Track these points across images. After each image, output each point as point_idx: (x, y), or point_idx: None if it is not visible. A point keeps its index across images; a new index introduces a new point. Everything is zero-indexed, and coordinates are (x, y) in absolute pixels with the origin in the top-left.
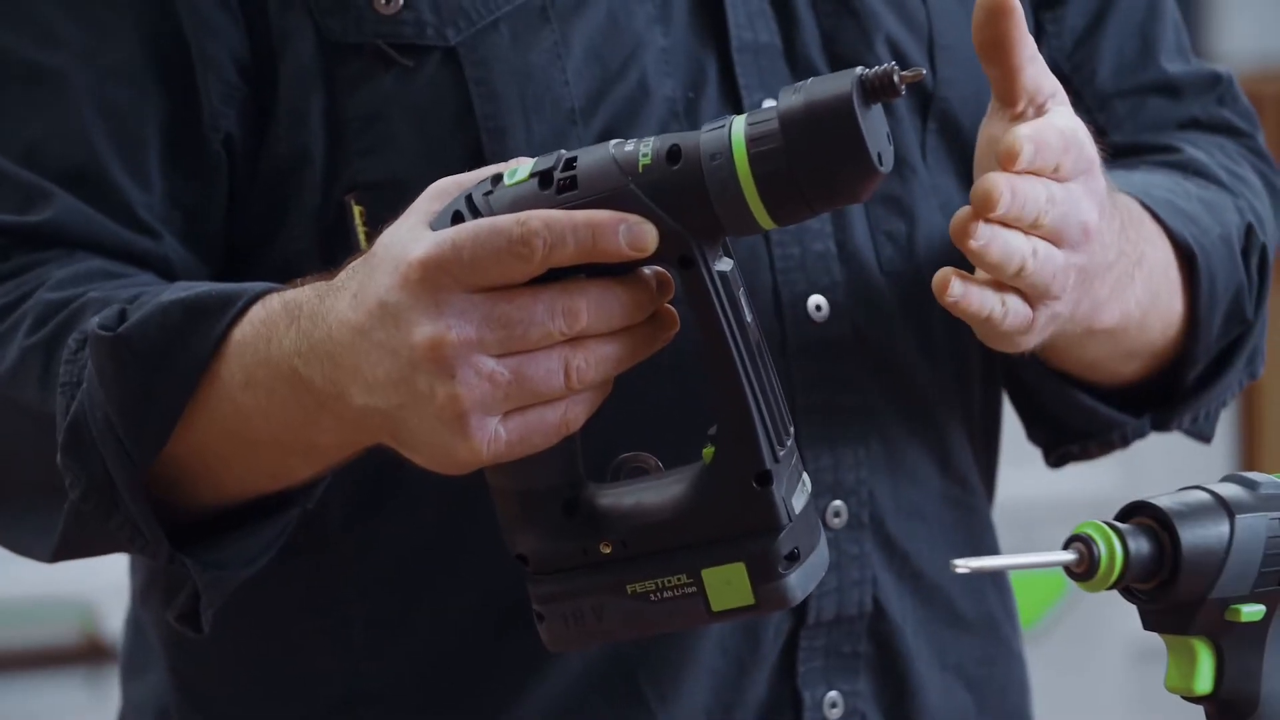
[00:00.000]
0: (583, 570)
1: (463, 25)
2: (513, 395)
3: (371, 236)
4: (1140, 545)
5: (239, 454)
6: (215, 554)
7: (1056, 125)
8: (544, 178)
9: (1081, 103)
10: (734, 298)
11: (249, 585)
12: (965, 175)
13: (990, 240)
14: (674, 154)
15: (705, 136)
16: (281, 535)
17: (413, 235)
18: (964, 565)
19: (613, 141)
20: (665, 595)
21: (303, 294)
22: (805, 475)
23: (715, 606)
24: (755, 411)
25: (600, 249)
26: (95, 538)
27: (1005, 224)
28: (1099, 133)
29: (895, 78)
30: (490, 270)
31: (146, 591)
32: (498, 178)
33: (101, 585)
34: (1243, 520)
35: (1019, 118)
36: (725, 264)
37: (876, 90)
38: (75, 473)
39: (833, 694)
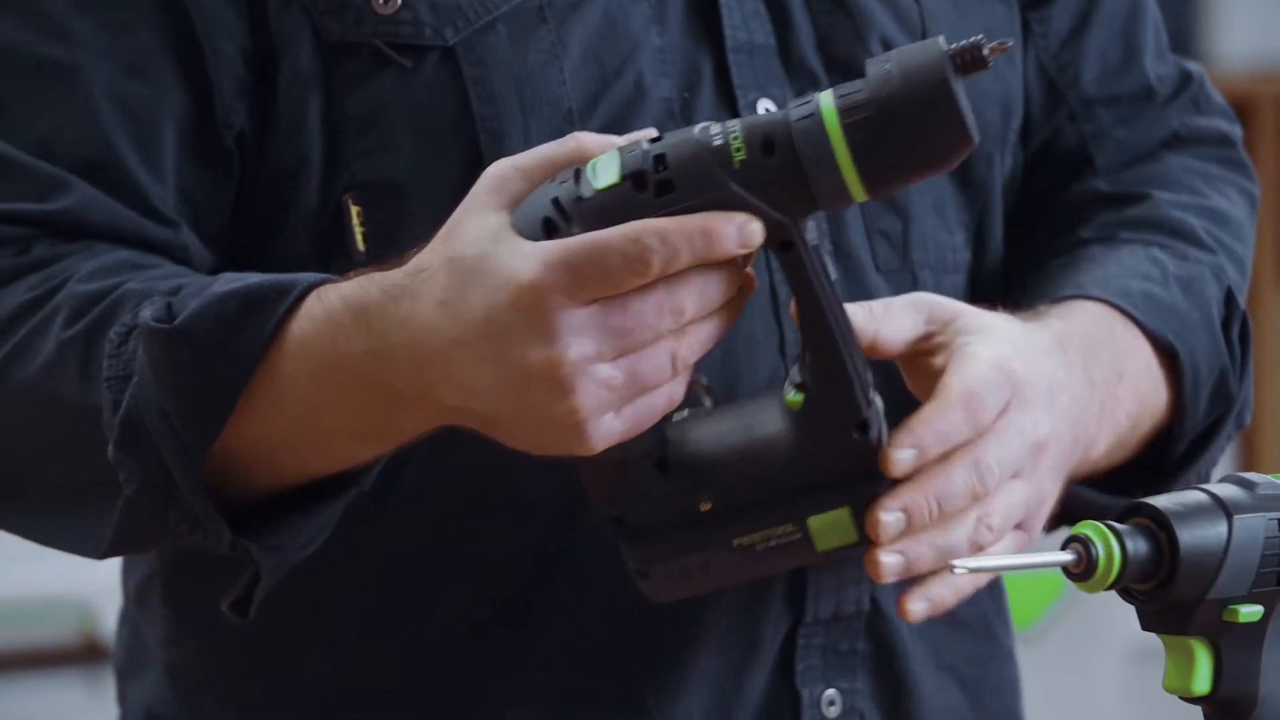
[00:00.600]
0: (683, 528)
1: (461, 25)
2: (627, 395)
3: (369, 237)
4: (1138, 546)
5: (306, 442)
6: (274, 538)
7: (950, 397)
8: (637, 179)
9: (1066, 107)
10: (824, 263)
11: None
12: (957, 173)
13: (917, 559)
14: (768, 145)
15: (795, 121)
16: (336, 516)
17: (510, 249)
18: (963, 566)
19: (696, 128)
20: (771, 545)
21: (367, 293)
22: (883, 420)
23: (820, 547)
24: (851, 367)
25: (714, 255)
26: (150, 530)
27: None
28: (1083, 157)
29: (984, 50)
30: (604, 288)
31: (144, 591)
32: (579, 174)
33: (100, 586)
34: (1241, 521)
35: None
36: (812, 233)
37: (966, 65)
38: (130, 467)
39: (831, 692)
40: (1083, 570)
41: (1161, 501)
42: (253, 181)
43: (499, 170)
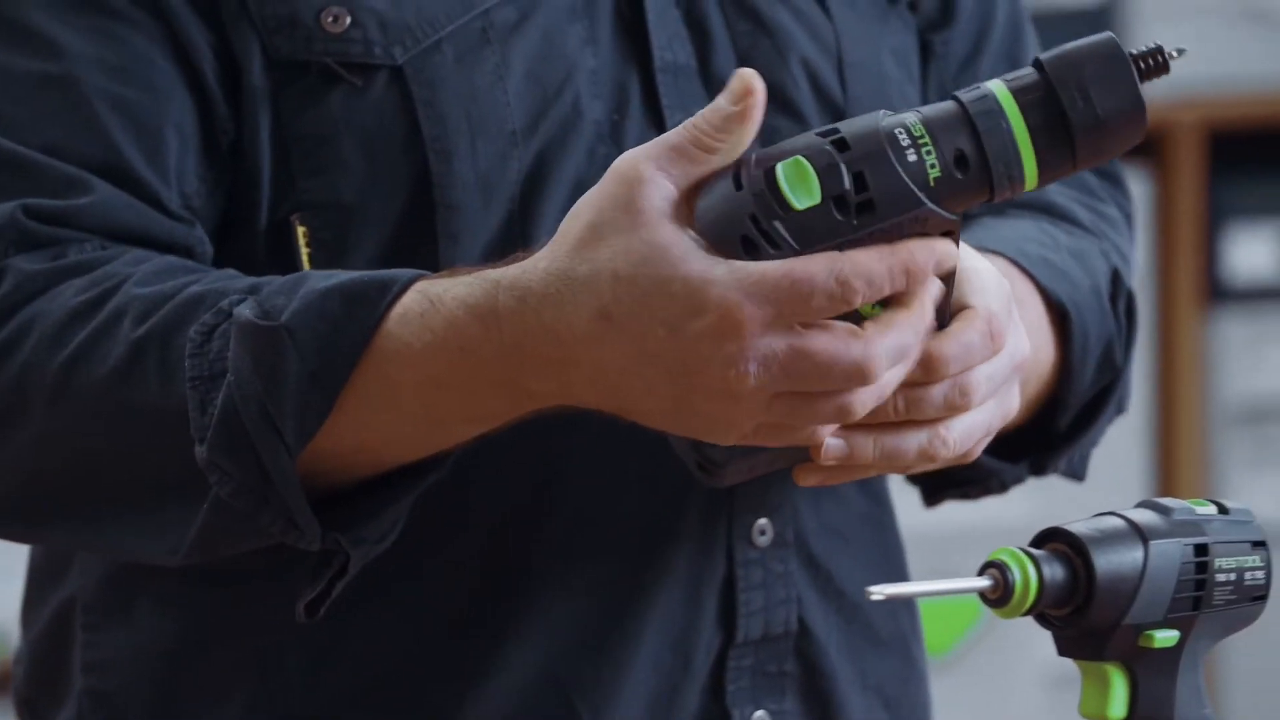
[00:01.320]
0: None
1: (409, 44)
2: (786, 418)
3: (314, 259)
4: (1055, 571)
5: (412, 434)
6: (357, 531)
7: (975, 318)
8: (840, 202)
9: None
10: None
11: (180, 614)
12: None
13: (858, 449)
14: (961, 161)
15: (985, 132)
16: (410, 503)
17: (706, 271)
18: (880, 591)
19: (882, 128)
20: None
21: (495, 299)
22: None
23: None
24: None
25: (913, 287)
26: (239, 532)
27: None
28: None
29: (1164, 54)
30: (804, 319)
31: (61, 617)
32: (772, 183)
33: (13, 613)
34: (1156, 546)
35: None
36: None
37: (1149, 69)
38: (225, 469)
39: (760, 713)
40: (999, 596)
41: (1077, 527)
42: None
43: (639, 172)
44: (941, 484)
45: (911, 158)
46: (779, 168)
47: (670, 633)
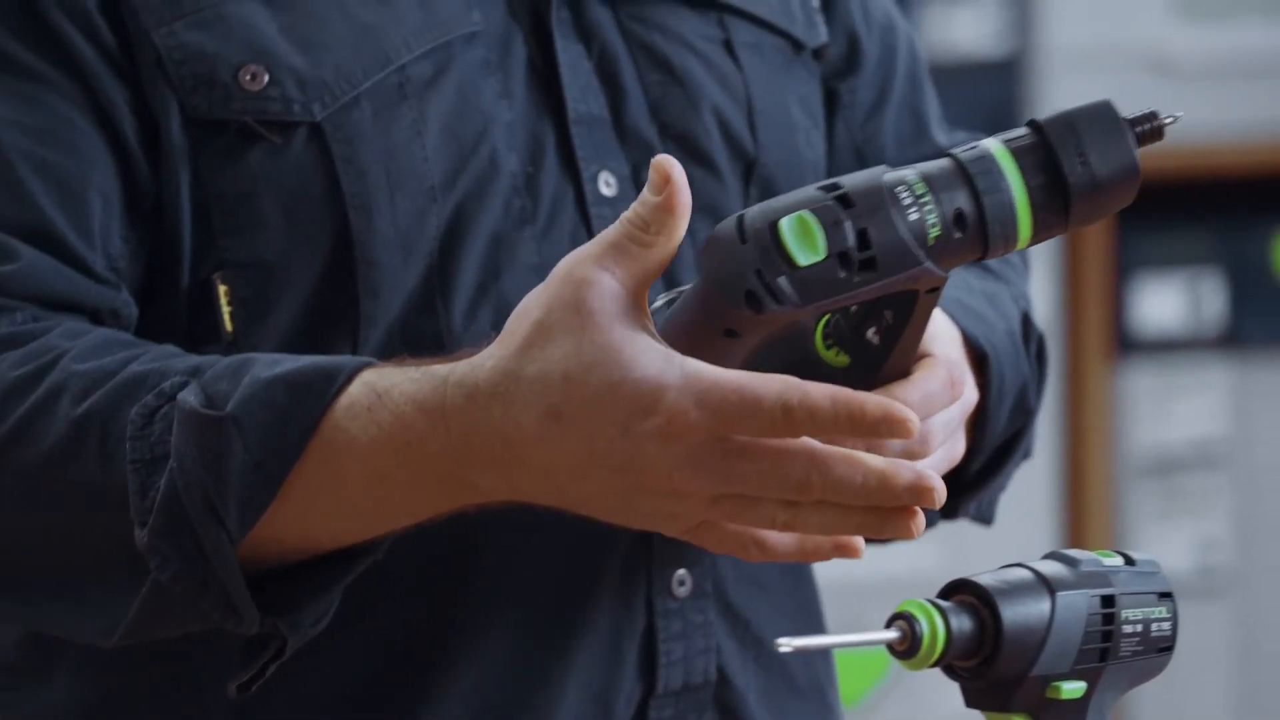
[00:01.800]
0: None
1: (327, 100)
2: (730, 517)
3: (236, 317)
4: (962, 623)
5: (360, 524)
6: (295, 615)
7: (936, 365)
8: (843, 259)
9: None
10: None
11: (100, 677)
12: None
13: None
14: (960, 220)
15: (985, 193)
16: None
17: (655, 376)
18: (788, 644)
19: (884, 184)
20: None
21: (443, 395)
22: None
23: None
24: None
25: (859, 434)
26: (176, 616)
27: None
28: None
29: (1159, 120)
30: (741, 434)
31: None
32: (775, 237)
33: None
34: (1063, 598)
35: None
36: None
37: (1146, 135)
38: (165, 553)
39: None
40: (907, 648)
41: (985, 579)
42: None
43: (585, 272)
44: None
45: (913, 216)
46: (783, 223)
47: (591, 685)
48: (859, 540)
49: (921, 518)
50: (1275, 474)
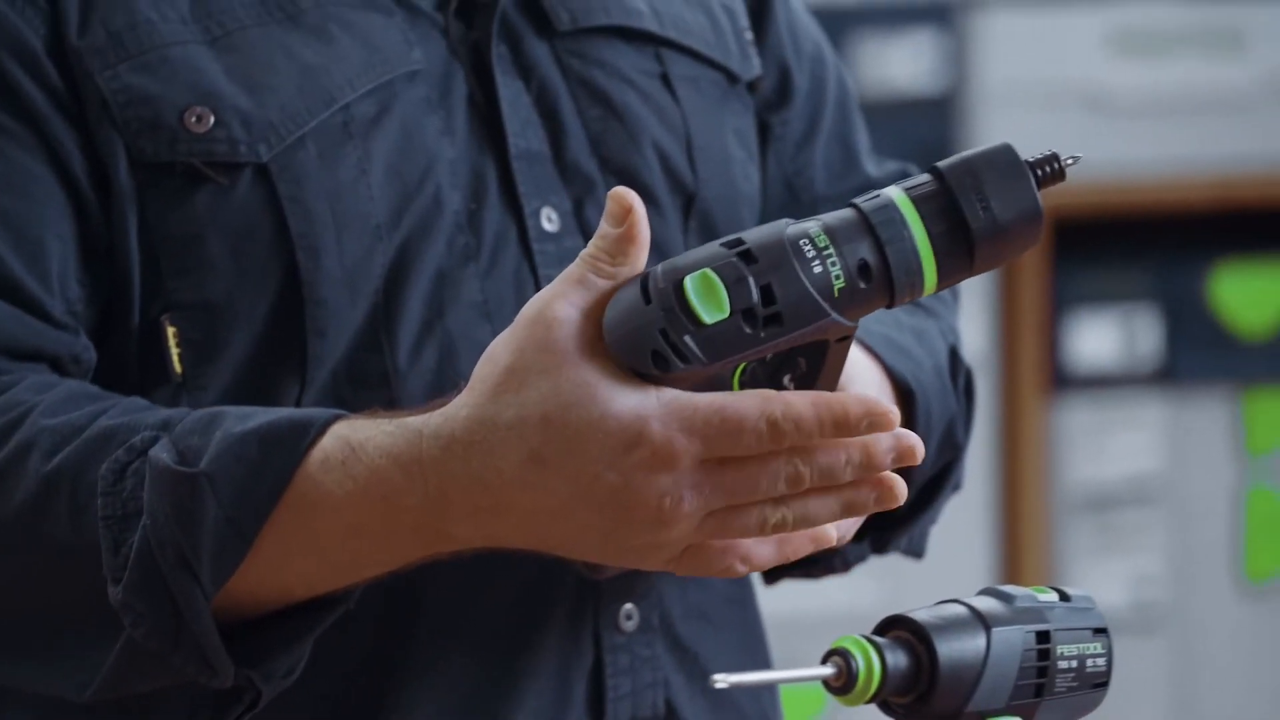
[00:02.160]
0: None
1: (273, 141)
2: (721, 531)
3: (184, 359)
4: (898, 659)
5: (333, 576)
6: (268, 666)
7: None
8: (748, 315)
9: (799, 207)
10: None
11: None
12: None
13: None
14: (865, 270)
15: (888, 243)
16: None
17: (633, 408)
18: (724, 680)
19: (786, 238)
20: None
21: (419, 448)
22: None
23: None
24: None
25: (843, 435)
26: (149, 671)
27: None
28: None
29: (1060, 162)
30: (732, 453)
31: None
32: (680, 297)
33: None
34: (998, 633)
35: None
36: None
37: (1047, 176)
38: (140, 610)
39: None
40: (842, 684)
41: (920, 615)
42: None
43: (551, 312)
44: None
45: (817, 269)
46: (687, 281)
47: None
48: (830, 529)
49: (903, 484)
50: (1210, 510)
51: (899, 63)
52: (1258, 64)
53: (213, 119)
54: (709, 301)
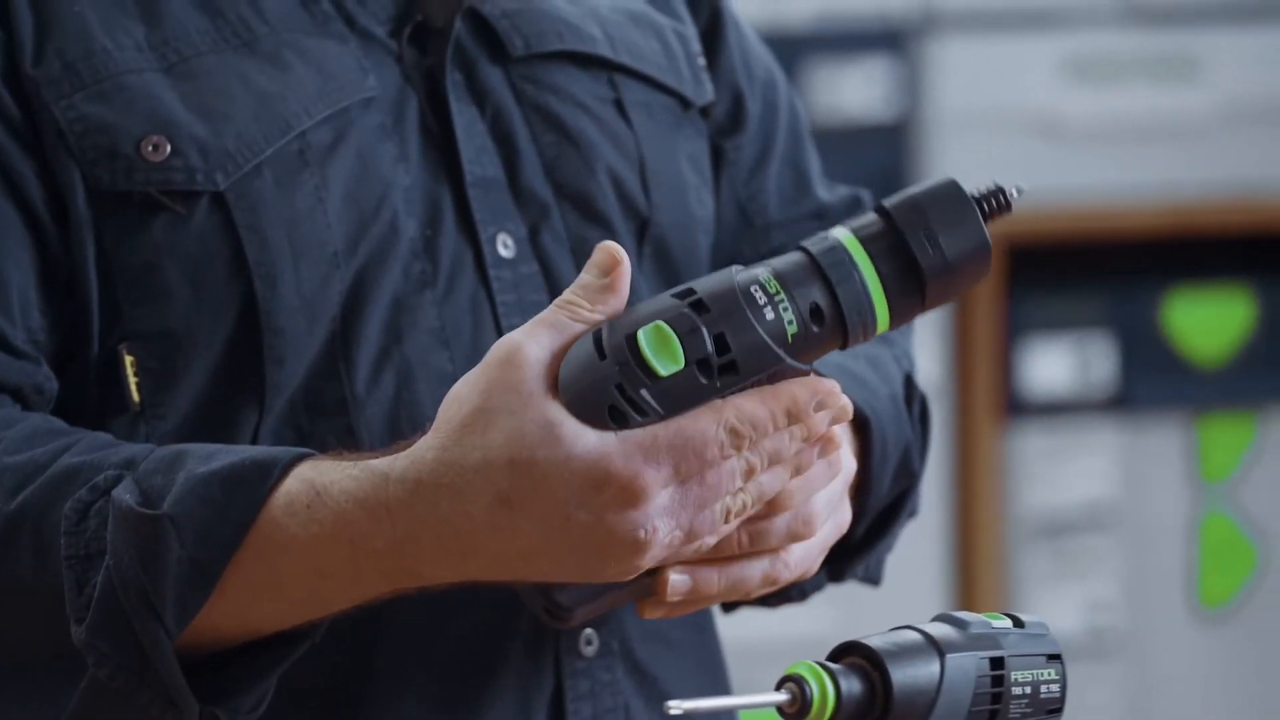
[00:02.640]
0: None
1: (230, 169)
2: (692, 535)
3: (142, 387)
4: (852, 685)
5: (298, 614)
6: (233, 703)
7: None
8: (703, 366)
9: (751, 232)
10: None
11: None
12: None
13: (704, 583)
14: (817, 315)
15: (839, 285)
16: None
17: (598, 447)
18: (678, 706)
19: (738, 286)
20: None
21: (385, 491)
22: None
23: None
24: None
25: (801, 419)
26: (113, 710)
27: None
28: None
29: (1006, 194)
30: (698, 472)
31: None
32: (634, 351)
33: None
34: (952, 660)
35: None
36: None
37: (993, 210)
38: (104, 650)
39: None
40: (797, 710)
41: (875, 641)
42: None
43: (520, 353)
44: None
45: (769, 315)
46: (641, 335)
47: None
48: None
49: (846, 404)
50: (1164, 536)
51: (852, 89)
52: (1211, 91)
53: (169, 148)
54: (663, 354)
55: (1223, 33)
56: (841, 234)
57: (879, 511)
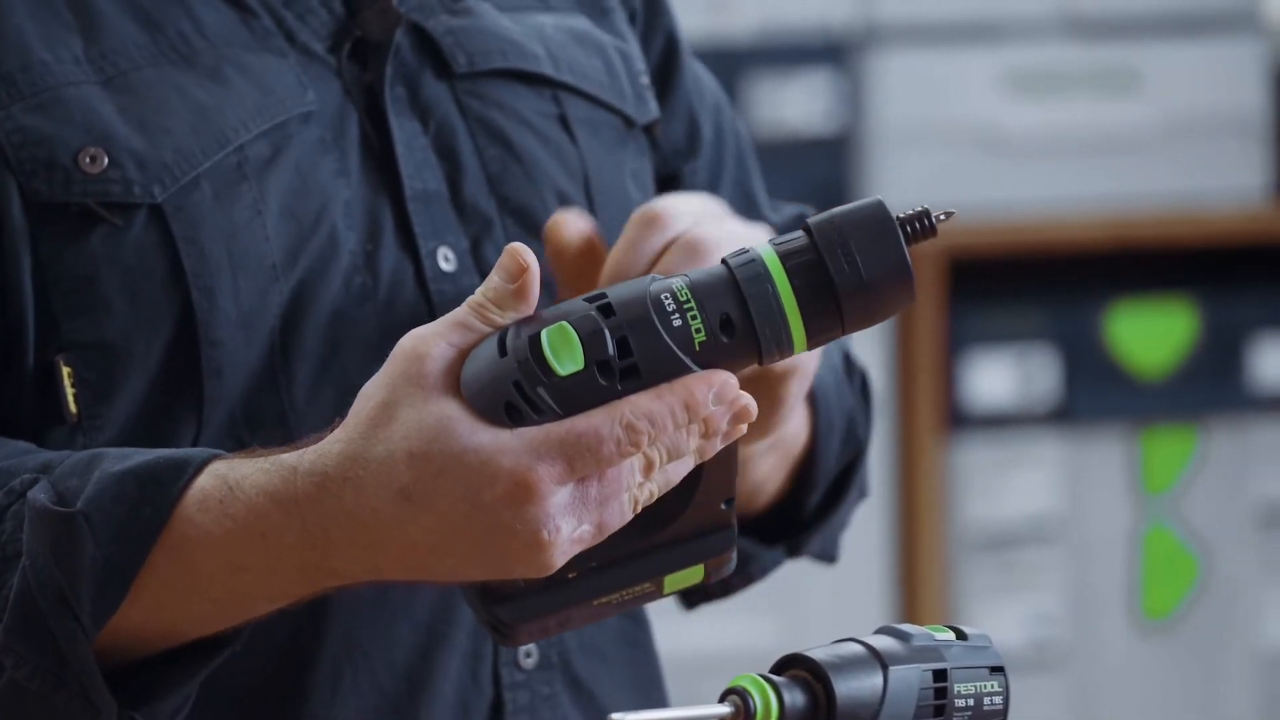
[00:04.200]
0: (548, 593)
1: (168, 182)
2: (602, 527)
3: (80, 399)
4: (795, 698)
5: (219, 614)
6: (154, 707)
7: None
8: (603, 368)
9: None
10: None
11: None
12: None
13: None
14: (727, 326)
15: (751, 295)
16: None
17: (492, 442)
18: (621, 718)
19: (649, 293)
20: (627, 599)
21: (293, 485)
22: None
23: (667, 590)
24: (736, 449)
25: (695, 420)
26: (31, 713)
27: None
28: None
29: (931, 218)
30: (594, 470)
31: None
32: (535, 350)
33: None
34: (895, 672)
35: None
36: None
37: (917, 233)
38: (21, 651)
39: None
40: None
41: (818, 653)
42: None
43: (425, 347)
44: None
45: (676, 323)
46: (544, 334)
47: None
48: None
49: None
50: (1107, 548)
51: (793, 103)
52: (1153, 103)
53: (107, 160)
54: (563, 354)
55: (1164, 46)
56: (763, 248)
57: (829, 485)
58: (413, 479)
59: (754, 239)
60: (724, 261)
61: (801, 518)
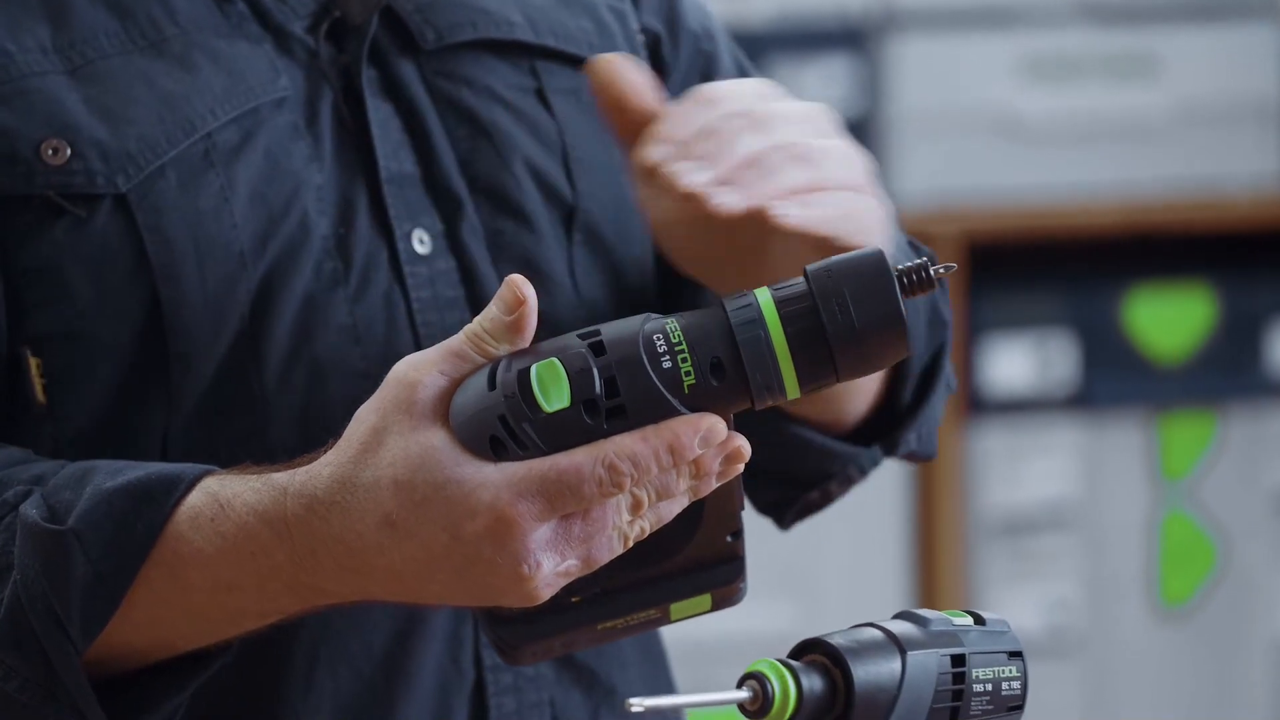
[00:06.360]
0: (553, 616)
1: (132, 172)
2: (586, 562)
3: (48, 389)
4: (813, 683)
5: (209, 629)
6: (147, 717)
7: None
8: (590, 406)
9: None
10: None
11: None
12: (614, 288)
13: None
14: (718, 368)
15: (743, 341)
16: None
17: (475, 475)
18: (639, 704)
19: (640, 334)
20: (632, 625)
21: (283, 506)
22: None
23: (674, 617)
24: (740, 482)
25: (683, 459)
26: None
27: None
28: None
29: (930, 271)
30: (575, 509)
31: None
32: (524, 386)
33: None
34: (914, 657)
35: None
36: None
37: (914, 285)
38: (12, 664)
39: None
40: (758, 708)
41: (836, 639)
42: None
43: (418, 375)
44: (798, 488)
45: (666, 364)
46: (533, 370)
47: None
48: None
49: (744, 446)
50: (1125, 535)
51: (811, 88)
52: (1170, 89)
53: (69, 151)
54: (551, 390)
55: (1182, 31)
56: (760, 292)
57: (921, 371)
58: (397, 506)
59: (798, 137)
60: (721, 305)
61: (897, 412)
